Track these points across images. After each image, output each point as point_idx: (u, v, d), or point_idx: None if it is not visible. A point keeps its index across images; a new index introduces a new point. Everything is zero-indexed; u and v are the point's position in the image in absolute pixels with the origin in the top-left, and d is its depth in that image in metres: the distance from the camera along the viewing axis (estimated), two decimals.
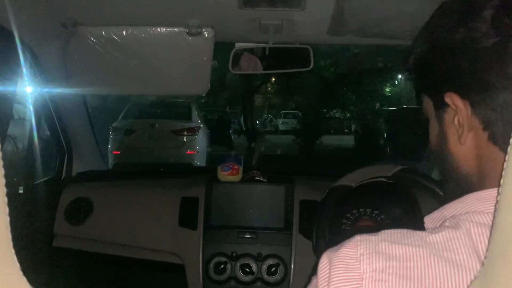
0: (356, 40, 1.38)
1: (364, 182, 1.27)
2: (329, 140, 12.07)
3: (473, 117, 0.46)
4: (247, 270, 1.41)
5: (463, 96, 0.47)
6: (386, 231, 0.45)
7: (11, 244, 0.23)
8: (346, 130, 14.23)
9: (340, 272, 0.43)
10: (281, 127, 16.06)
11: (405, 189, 1.33)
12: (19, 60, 1.29)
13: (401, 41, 1.34)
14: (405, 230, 0.44)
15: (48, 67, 1.47)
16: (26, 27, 1.21)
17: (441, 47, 0.48)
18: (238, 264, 1.42)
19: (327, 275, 0.43)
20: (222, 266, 1.42)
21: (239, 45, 1.42)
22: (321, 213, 1.22)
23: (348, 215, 1.33)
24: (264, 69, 1.45)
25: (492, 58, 0.43)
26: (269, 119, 18.11)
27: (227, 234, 1.45)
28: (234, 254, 1.43)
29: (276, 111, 17.23)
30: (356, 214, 1.33)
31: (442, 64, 0.48)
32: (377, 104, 12.18)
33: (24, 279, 0.24)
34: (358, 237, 0.45)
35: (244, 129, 12.68)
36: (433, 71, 0.50)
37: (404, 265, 0.41)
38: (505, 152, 0.45)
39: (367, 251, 0.43)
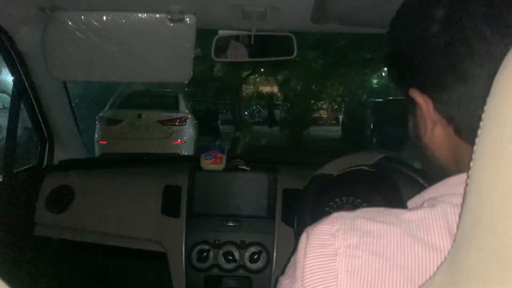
0: (339, 28, 1.38)
1: (345, 170, 1.28)
2: (317, 131, 12.12)
3: (435, 112, 0.48)
4: (230, 257, 1.42)
5: (423, 92, 0.48)
6: (364, 209, 0.46)
7: None
8: (333, 122, 14.30)
9: (315, 248, 0.43)
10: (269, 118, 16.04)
11: (386, 177, 1.35)
12: None
13: (384, 30, 1.35)
14: (382, 208, 0.45)
15: (27, 53, 1.43)
16: (2, 11, 1.18)
17: (400, 46, 0.51)
18: (221, 251, 1.43)
19: (304, 250, 0.44)
20: (205, 254, 1.42)
21: (222, 32, 1.41)
22: (303, 201, 1.22)
23: (330, 204, 1.34)
24: (248, 57, 1.44)
25: (444, 56, 0.45)
26: (257, 110, 18.08)
27: (210, 222, 1.46)
28: (217, 242, 1.43)
29: (264, 102, 17.20)
30: (339, 203, 1.34)
31: (403, 62, 0.51)
32: (364, 96, 12.25)
33: None
34: (335, 214, 0.45)
35: (232, 119, 12.64)
36: (397, 68, 0.53)
37: (378, 242, 0.41)
38: (471, 143, 0.46)
39: (343, 227, 0.43)
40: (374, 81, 13.36)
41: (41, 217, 1.54)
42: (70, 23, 1.24)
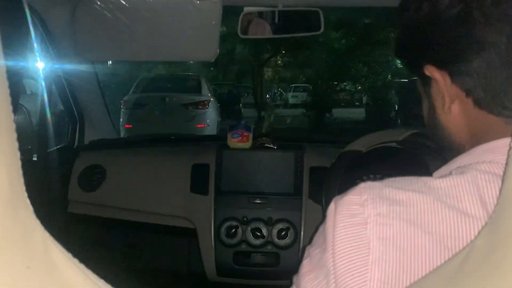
0: (371, 2, 1.34)
1: (374, 147, 1.27)
2: (340, 113, 11.97)
3: (454, 86, 0.47)
4: (258, 234, 1.44)
5: (440, 67, 0.48)
6: (391, 178, 0.46)
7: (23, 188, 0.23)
8: (357, 103, 14.08)
9: (345, 218, 0.43)
10: (291, 101, 15.93)
11: (415, 154, 1.32)
12: (28, 27, 1.29)
13: None
14: (409, 177, 0.45)
15: (57, 34, 1.46)
16: None
17: (412, 25, 0.51)
18: (249, 228, 1.44)
19: (333, 221, 0.44)
20: (234, 230, 1.44)
21: (247, 9, 1.40)
22: (331, 178, 1.22)
23: (358, 181, 1.32)
24: (273, 34, 1.43)
25: (459, 25, 0.44)
26: (279, 92, 17.97)
27: (238, 199, 1.47)
28: (245, 219, 1.45)
29: (286, 84, 17.06)
30: (367, 180, 1.33)
31: (416, 40, 0.51)
32: (389, 76, 11.97)
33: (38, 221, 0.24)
34: (362, 184, 0.46)
35: (254, 102, 12.62)
36: (410, 49, 0.53)
37: (408, 210, 0.41)
38: (493, 112, 0.44)
39: (371, 196, 0.43)
40: (398, 61, 12.99)
41: (74, 195, 1.59)
42: (98, 3, 1.25)
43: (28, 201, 0.23)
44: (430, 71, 0.49)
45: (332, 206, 0.46)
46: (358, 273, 0.41)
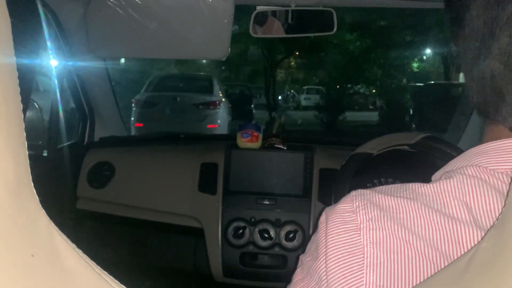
0: (386, 3, 1.31)
1: (386, 149, 1.24)
2: (353, 116, 11.87)
3: None
4: (266, 235, 1.42)
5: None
6: (381, 186, 0.46)
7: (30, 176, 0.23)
8: (370, 107, 13.95)
9: (337, 225, 0.44)
10: (303, 103, 15.86)
11: (428, 159, 1.29)
12: (41, 24, 1.29)
13: (437, 4, 1.27)
14: (399, 184, 0.46)
15: (70, 30, 1.47)
16: None
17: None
18: (257, 229, 1.43)
19: (324, 229, 0.45)
20: (241, 230, 1.43)
21: (260, 8, 1.39)
22: (340, 180, 1.20)
23: (368, 185, 1.30)
24: (286, 33, 1.41)
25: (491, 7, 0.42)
26: (291, 94, 17.92)
27: (246, 199, 1.46)
28: (253, 220, 1.44)
29: (299, 86, 17.00)
30: (377, 184, 1.30)
31: (453, 14, 0.48)
32: (404, 80, 11.84)
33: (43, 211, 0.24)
34: (353, 192, 0.46)
35: (266, 103, 12.60)
36: (449, 21, 0.51)
37: (398, 215, 0.41)
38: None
39: (363, 203, 0.44)
40: (415, 64, 12.84)
41: (83, 191, 1.59)
42: (111, 0, 1.25)
43: (34, 191, 0.23)
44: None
45: (323, 216, 0.46)
46: (353, 278, 0.41)
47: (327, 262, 0.42)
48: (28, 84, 1.26)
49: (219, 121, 7.29)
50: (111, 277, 0.26)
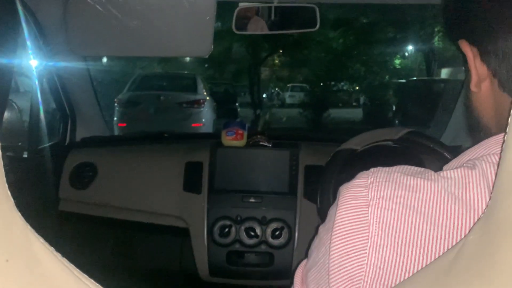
0: None
1: (370, 145, 1.25)
2: (337, 113, 11.95)
3: (482, 65, 0.46)
4: (252, 233, 1.42)
5: (471, 43, 0.47)
6: (402, 165, 0.45)
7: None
8: (354, 104, 14.07)
9: (348, 200, 0.43)
10: (288, 101, 15.90)
11: (411, 153, 1.30)
12: (20, 23, 1.26)
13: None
14: (420, 168, 0.44)
15: (49, 29, 1.44)
16: None
17: None
18: (243, 227, 1.42)
19: (336, 203, 0.44)
20: (227, 229, 1.42)
21: (243, 4, 1.38)
22: (326, 177, 1.20)
23: None
24: (269, 30, 1.41)
25: (492, 4, 0.44)
26: (276, 92, 17.95)
27: (231, 198, 1.45)
28: (239, 218, 1.43)
29: (284, 84, 17.03)
30: None
31: (454, 13, 0.50)
32: (387, 76, 11.98)
33: (18, 214, 0.23)
34: (372, 169, 0.45)
35: (251, 101, 12.59)
36: (448, 20, 0.52)
37: (413, 195, 0.40)
38: None
39: (377, 179, 0.43)
40: (397, 61, 13.01)
41: (65, 192, 1.56)
42: None
43: (8, 193, 0.23)
44: (463, 46, 0.48)
45: (340, 188, 0.46)
46: (355, 257, 0.41)
47: (332, 237, 0.42)
48: (6, 84, 1.23)
49: (203, 120, 7.25)
50: (92, 280, 0.25)
